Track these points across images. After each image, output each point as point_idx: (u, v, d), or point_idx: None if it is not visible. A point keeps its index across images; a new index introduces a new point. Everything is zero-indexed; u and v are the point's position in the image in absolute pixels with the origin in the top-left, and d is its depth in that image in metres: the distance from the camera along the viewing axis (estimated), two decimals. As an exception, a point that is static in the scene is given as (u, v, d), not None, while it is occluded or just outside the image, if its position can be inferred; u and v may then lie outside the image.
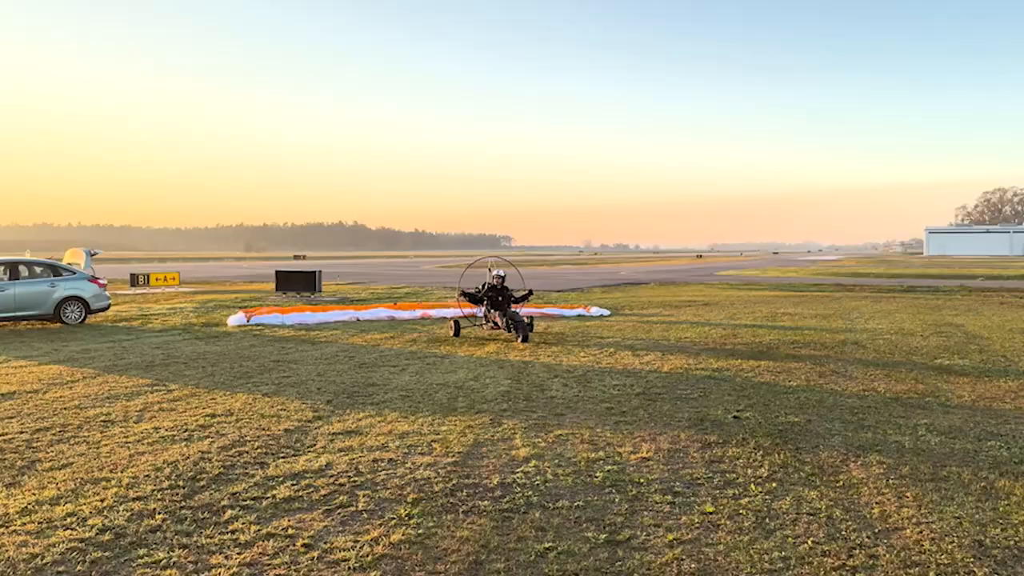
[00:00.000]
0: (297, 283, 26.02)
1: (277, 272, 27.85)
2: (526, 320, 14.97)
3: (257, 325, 17.59)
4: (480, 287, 16.01)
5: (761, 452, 6.78)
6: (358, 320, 18.85)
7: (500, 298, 15.58)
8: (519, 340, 14.37)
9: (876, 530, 4.96)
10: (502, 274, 15.99)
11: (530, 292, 16.60)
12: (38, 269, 18.24)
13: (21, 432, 7.51)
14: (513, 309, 15.73)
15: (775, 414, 8.31)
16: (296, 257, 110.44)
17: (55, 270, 18.29)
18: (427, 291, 30.68)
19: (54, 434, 7.44)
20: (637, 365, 11.76)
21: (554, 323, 18.30)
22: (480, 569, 4.39)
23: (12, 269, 17.58)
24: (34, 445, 7.05)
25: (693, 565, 4.44)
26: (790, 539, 4.81)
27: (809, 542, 4.76)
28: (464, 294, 16.14)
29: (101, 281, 19.08)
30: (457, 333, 15.46)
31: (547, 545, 4.73)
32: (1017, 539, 4.80)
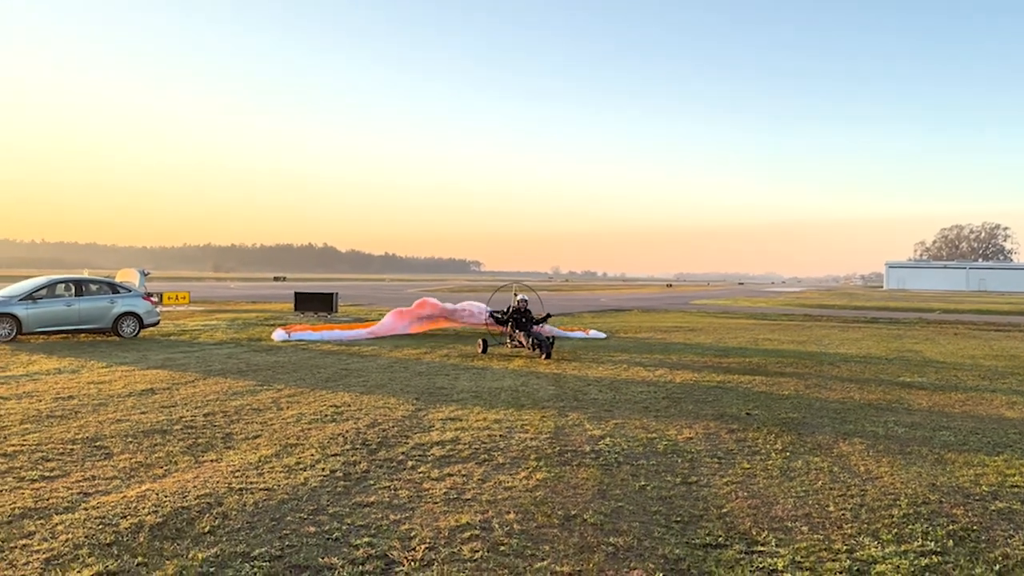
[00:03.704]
0: (315, 304, 28.02)
1: (296, 293, 29.84)
2: (548, 340, 17.17)
3: (299, 341, 19.59)
4: (505, 310, 18.22)
5: (773, 435, 9.07)
6: (379, 337, 20.87)
7: (524, 320, 17.81)
8: (543, 357, 16.57)
9: (863, 478, 7.26)
10: (525, 298, 18.24)
11: (548, 315, 18.86)
12: (95, 287, 20.10)
13: (194, 416, 9.55)
14: (535, 330, 17.96)
15: (777, 412, 10.62)
16: (276, 279, 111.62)
17: (113, 288, 20.17)
18: (430, 314, 32.72)
19: (223, 418, 9.49)
20: (652, 378, 14.03)
21: (562, 344, 20.51)
22: (605, 494, 6.59)
23: (78, 287, 19.45)
24: (216, 424, 9.11)
25: (744, 493, 6.69)
26: (807, 481, 7.09)
27: (820, 483, 7.04)
28: (491, 315, 18.34)
29: (152, 299, 20.99)
30: (485, 350, 17.59)
31: (642, 483, 6.94)
32: (957, 483, 7.12)
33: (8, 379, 12.24)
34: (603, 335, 23.43)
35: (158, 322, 21.04)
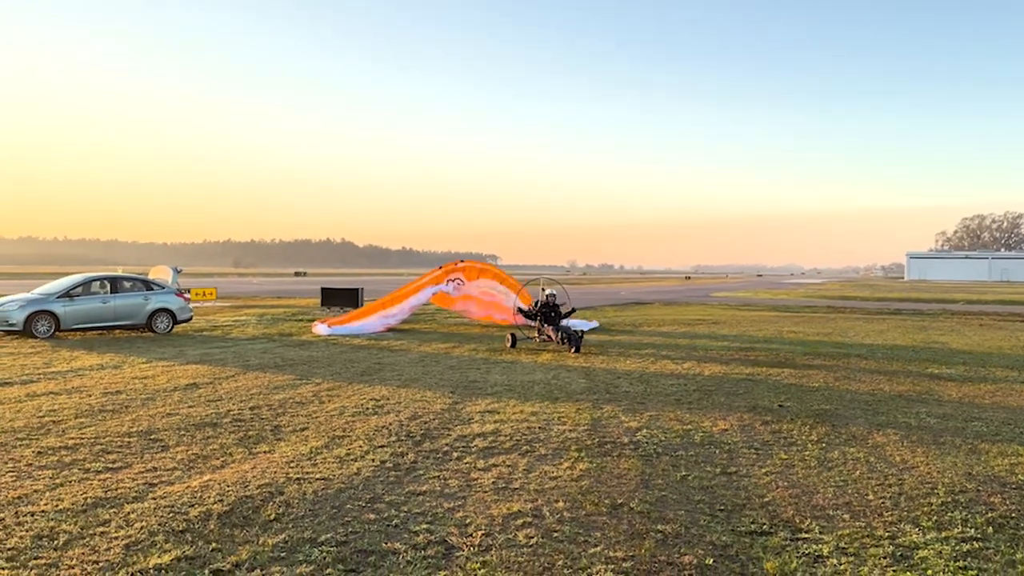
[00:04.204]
0: (341, 299, 28.36)
1: (323, 289, 30.22)
2: (578, 333, 17.32)
3: (341, 335, 19.93)
4: (534, 304, 18.41)
5: (808, 427, 9.22)
6: (404, 330, 21.19)
7: (552, 314, 18.00)
8: (572, 351, 16.74)
9: (900, 468, 7.41)
10: (554, 292, 18.43)
11: (573, 309, 19.03)
12: (129, 284, 20.49)
13: (241, 410, 9.83)
14: (563, 323, 18.14)
15: (809, 404, 10.77)
16: (297, 274, 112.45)
17: (147, 285, 20.57)
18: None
19: (269, 411, 9.77)
20: (681, 371, 14.19)
21: (588, 336, 20.67)
22: (649, 483, 6.79)
23: (113, 284, 19.85)
24: (263, 417, 9.38)
25: (784, 483, 6.86)
26: (844, 471, 7.25)
27: (857, 473, 7.20)
28: (520, 311, 18.54)
29: (185, 295, 21.37)
30: (514, 345, 17.75)
31: (683, 473, 7.13)
32: (993, 472, 7.25)
33: (55, 375, 12.60)
34: (595, 323, 23.90)
35: (191, 318, 21.41)
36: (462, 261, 22.56)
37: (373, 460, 7.36)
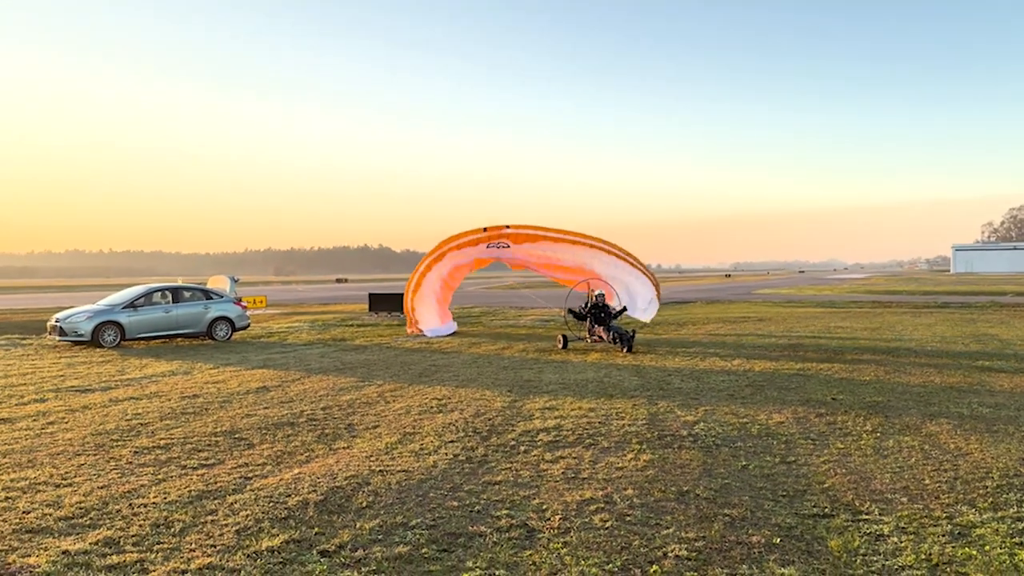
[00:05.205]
0: (389, 304, 28.97)
1: (370, 295, 30.90)
2: (629, 333, 17.52)
3: (436, 337, 20.89)
4: (584, 306, 18.71)
5: (862, 418, 9.46)
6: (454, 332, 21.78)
7: (603, 314, 18.28)
8: (624, 350, 16.96)
9: (954, 454, 7.65)
10: (603, 292, 18.72)
11: (624, 308, 19.27)
12: (189, 294, 21.28)
13: (313, 410, 10.35)
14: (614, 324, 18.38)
15: (861, 397, 10.98)
16: (339, 280, 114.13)
17: (207, 294, 21.33)
18: (498, 310, 33.48)
19: (340, 411, 10.27)
20: (730, 367, 14.44)
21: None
22: (711, 471, 7.12)
23: (175, 294, 20.65)
24: (335, 416, 9.88)
25: (842, 470, 7.15)
26: (900, 459, 7.51)
27: (913, 460, 7.46)
28: (571, 311, 18.87)
29: (243, 304, 22.11)
30: (565, 346, 17.96)
31: (744, 463, 7.45)
32: (1048, 458, 7.48)
33: (131, 381, 13.28)
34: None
35: (248, 325, 22.14)
36: (508, 227, 20.56)
37: (446, 454, 7.79)
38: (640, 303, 20.30)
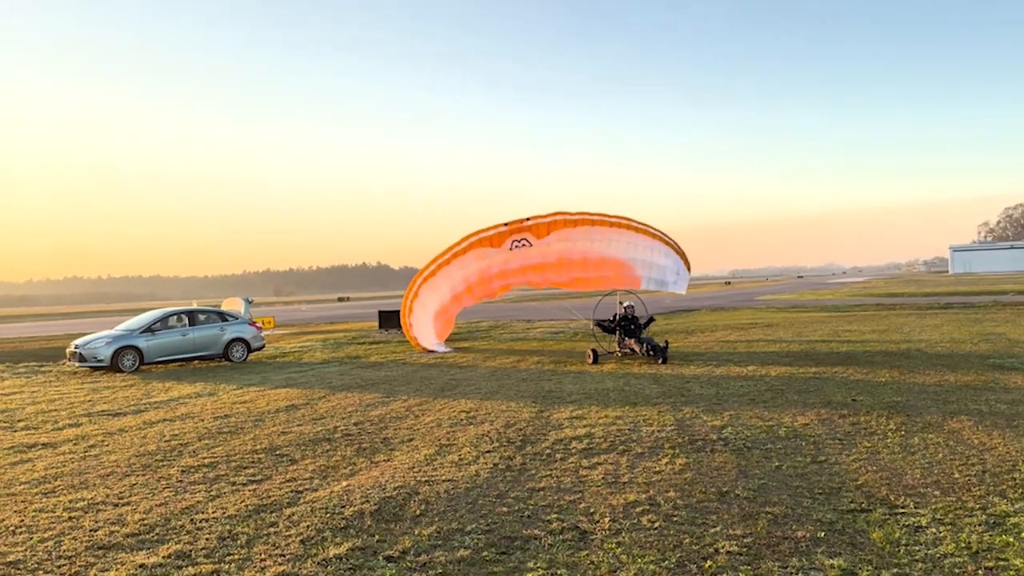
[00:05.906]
0: (397, 321, 29.15)
1: (380, 312, 31.17)
2: (662, 344, 17.42)
3: (443, 353, 21.02)
4: (612, 317, 18.70)
5: (884, 417, 9.70)
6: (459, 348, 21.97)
7: (633, 326, 18.24)
8: (659, 361, 16.67)
9: (980, 449, 7.89)
10: (632, 304, 18.75)
11: (652, 318, 19.25)
12: (204, 316, 21.51)
13: (346, 426, 10.57)
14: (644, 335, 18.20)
15: (881, 397, 11.22)
16: (340, 299, 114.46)
17: (222, 316, 21.57)
18: (506, 323, 33.71)
19: (372, 426, 10.50)
20: (747, 373, 14.67)
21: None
22: (747, 473, 7.35)
23: (191, 317, 20.89)
24: (368, 431, 10.11)
25: (873, 467, 7.39)
26: (928, 455, 7.75)
27: (940, 455, 7.69)
28: (598, 324, 18.87)
29: (258, 325, 22.35)
30: (596, 360, 17.38)
31: (776, 464, 7.68)
32: (1071, 450, 7.72)
33: (160, 404, 13.50)
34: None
35: (263, 346, 22.37)
36: (529, 219, 18.51)
37: (486, 463, 8.02)
38: (669, 276, 19.27)
